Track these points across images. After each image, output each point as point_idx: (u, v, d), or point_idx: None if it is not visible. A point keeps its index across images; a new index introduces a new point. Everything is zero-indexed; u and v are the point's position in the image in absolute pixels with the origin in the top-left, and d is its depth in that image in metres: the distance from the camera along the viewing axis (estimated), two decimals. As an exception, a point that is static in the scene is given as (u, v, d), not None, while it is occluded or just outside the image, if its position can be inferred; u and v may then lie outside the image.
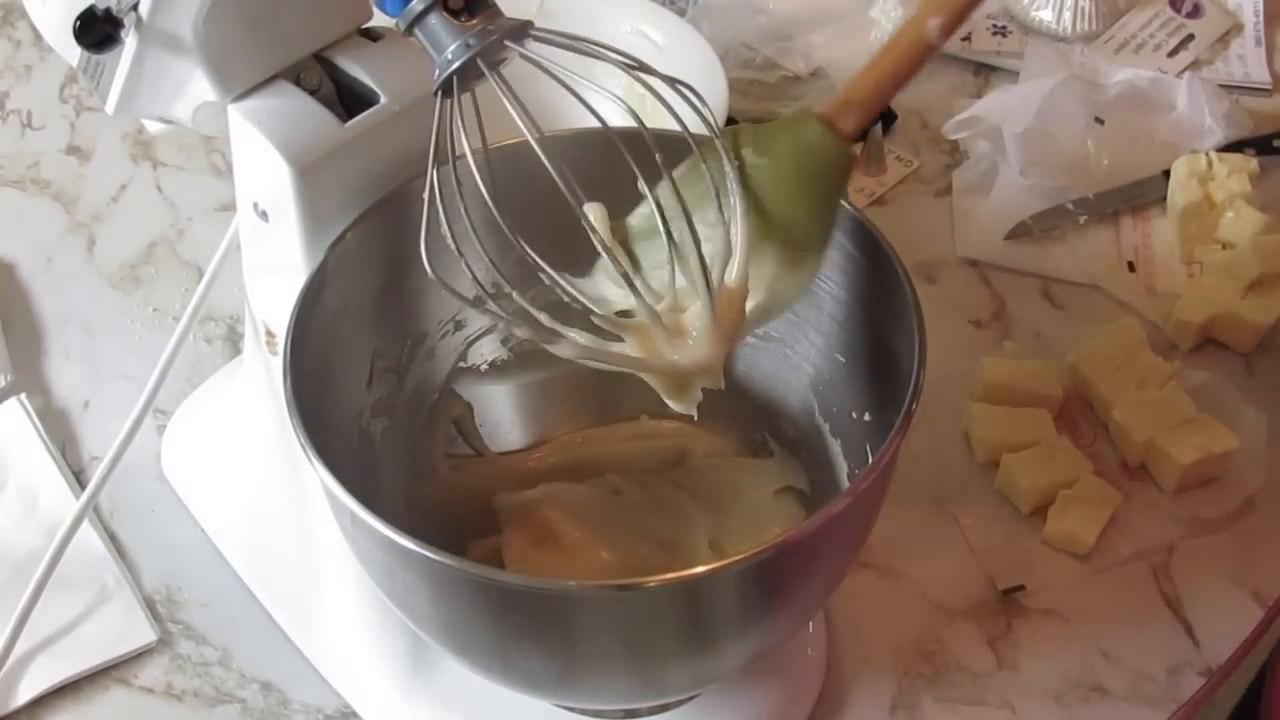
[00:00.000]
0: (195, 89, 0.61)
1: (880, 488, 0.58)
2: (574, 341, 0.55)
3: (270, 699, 0.71)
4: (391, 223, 0.63)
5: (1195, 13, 1.09)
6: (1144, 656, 0.72)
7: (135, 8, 0.57)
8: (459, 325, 0.69)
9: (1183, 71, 1.04)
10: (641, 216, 0.57)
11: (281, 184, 0.60)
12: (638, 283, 0.55)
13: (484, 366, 0.71)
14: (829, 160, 0.57)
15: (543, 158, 0.53)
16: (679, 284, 0.56)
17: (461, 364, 0.70)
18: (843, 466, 0.67)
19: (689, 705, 0.67)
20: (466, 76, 0.54)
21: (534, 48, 0.54)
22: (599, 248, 0.55)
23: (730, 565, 0.52)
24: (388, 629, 0.68)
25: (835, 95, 0.57)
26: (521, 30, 0.54)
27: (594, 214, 0.56)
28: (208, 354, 0.87)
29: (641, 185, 0.54)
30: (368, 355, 0.65)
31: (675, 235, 0.54)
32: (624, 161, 0.54)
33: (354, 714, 0.70)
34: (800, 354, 0.68)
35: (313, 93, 0.61)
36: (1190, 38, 1.07)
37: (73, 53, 0.61)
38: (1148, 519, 0.77)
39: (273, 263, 0.64)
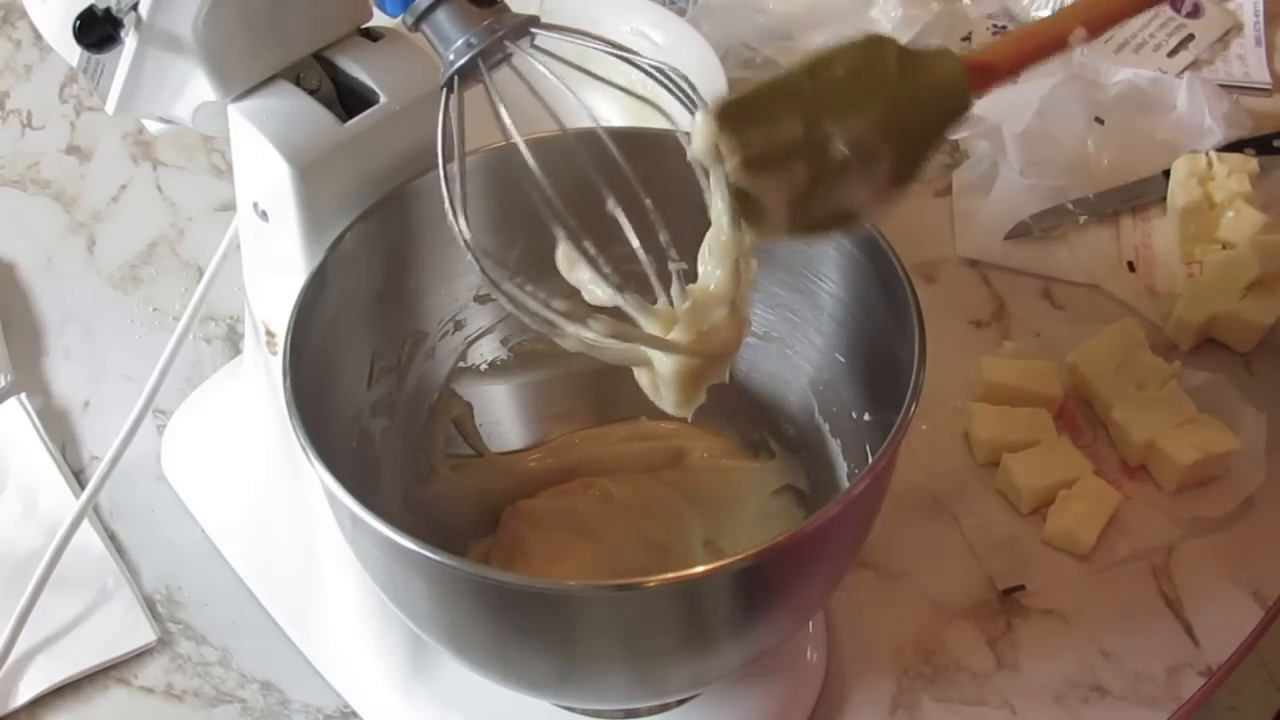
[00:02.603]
0: (195, 89, 0.61)
1: (880, 488, 0.58)
2: (593, 330, 0.54)
3: (270, 699, 0.71)
4: (391, 223, 0.63)
5: (1195, 13, 1.09)
6: (1144, 656, 0.72)
7: (135, 7, 0.57)
8: (459, 325, 0.69)
9: (1183, 71, 1.04)
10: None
11: (281, 184, 0.60)
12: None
13: (484, 366, 0.71)
14: (955, 104, 0.58)
15: (595, 141, 0.53)
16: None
17: (461, 364, 0.70)
18: (843, 466, 0.67)
19: (689, 705, 0.67)
20: (468, 75, 0.54)
21: (540, 42, 0.55)
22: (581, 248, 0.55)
23: (729, 565, 0.52)
24: (388, 629, 0.68)
25: (974, 50, 0.59)
26: (523, 28, 0.54)
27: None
28: (208, 354, 0.87)
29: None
30: (368, 355, 0.65)
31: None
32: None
33: (354, 714, 0.70)
34: (800, 354, 0.68)
35: (312, 93, 0.61)
36: (1190, 38, 1.07)
37: (73, 52, 0.61)
38: (1148, 519, 0.77)
39: (273, 263, 0.64)
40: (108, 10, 0.57)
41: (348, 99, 0.62)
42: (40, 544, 0.74)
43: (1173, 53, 1.06)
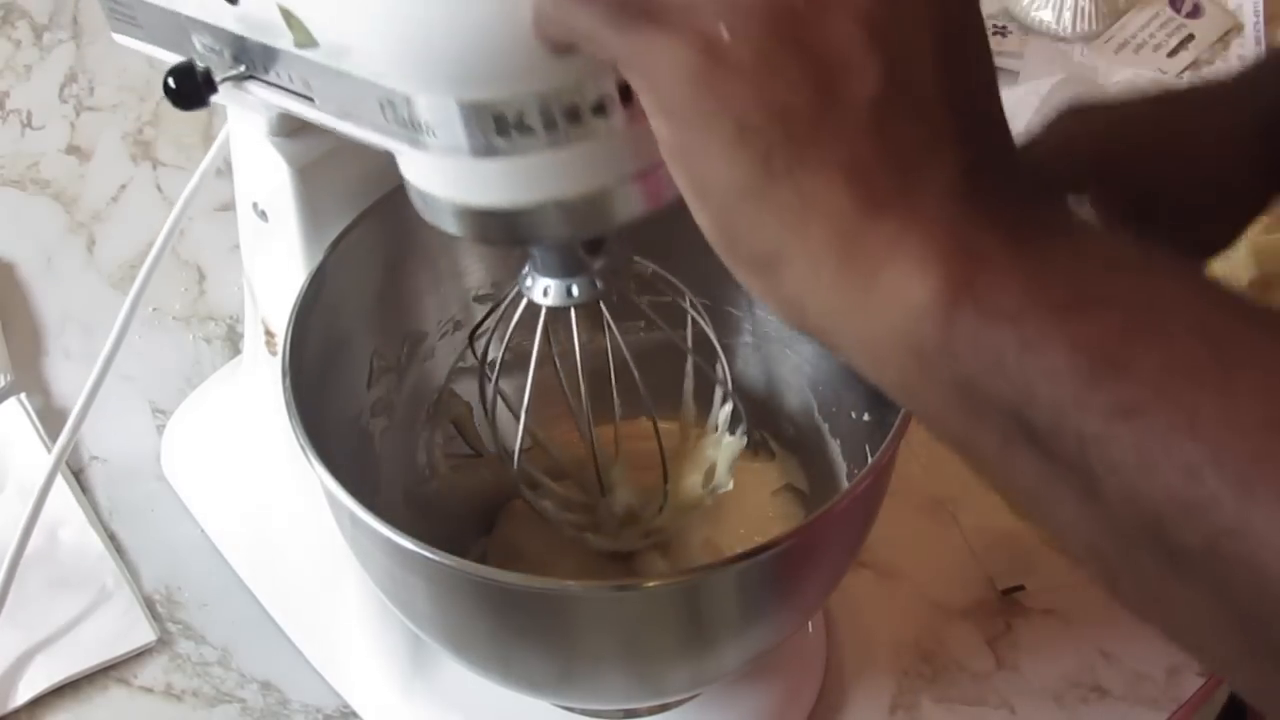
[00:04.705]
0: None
1: (880, 488, 0.58)
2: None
3: (270, 699, 0.71)
4: (391, 223, 0.63)
5: (1195, 13, 1.09)
6: (1144, 656, 0.72)
7: (243, 79, 0.53)
8: (459, 325, 0.69)
9: (1183, 71, 1.04)
10: None
11: (281, 184, 0.60)
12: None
13: (484, 366, 0.71)
14: None
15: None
16: None
17: (461, 364, 0.70)
18: (842, 466, 0.67)
19: (689, 705, 0.67)
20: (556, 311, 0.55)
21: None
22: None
23: (730, 564, 0.52)
24: (388, 629, 0.68)
25: None
26: (617, 279, 0.54)
27: None
28: (208, 354, 0.87)
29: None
30: (367, 355, 0.65)
31: None
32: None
33: (354, 714, 0.70)
34: (800, 354, 0.68)
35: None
36: (1190, 38, 1.07)
37: None
38: (1147, 519, 0.77)
39: (273, 263, 0.64)
40: (207, 72, 0.53)
41: (348, 99, 0.62)
42: (39, 543, 0.74)
43: (1173, 53, 1.06)
